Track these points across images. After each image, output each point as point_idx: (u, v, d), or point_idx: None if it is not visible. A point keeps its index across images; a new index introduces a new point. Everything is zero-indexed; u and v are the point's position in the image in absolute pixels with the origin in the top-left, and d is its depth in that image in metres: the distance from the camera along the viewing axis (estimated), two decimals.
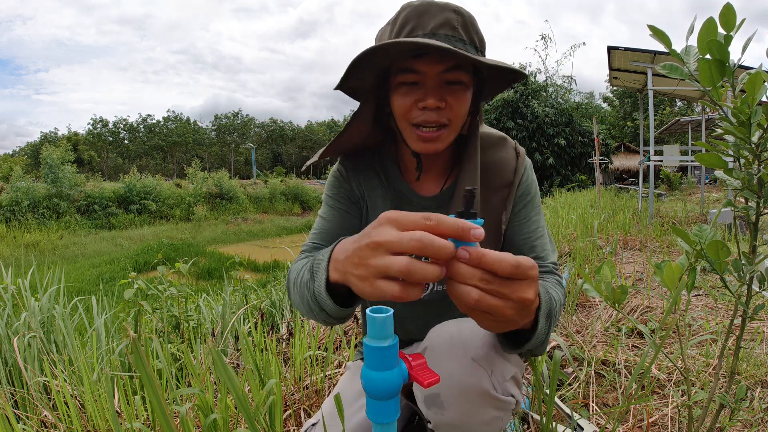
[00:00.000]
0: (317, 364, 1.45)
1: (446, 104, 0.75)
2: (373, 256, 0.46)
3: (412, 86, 0.75)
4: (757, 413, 1.19)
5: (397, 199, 0.90)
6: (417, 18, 0.74)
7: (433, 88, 0.74)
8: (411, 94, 0.75)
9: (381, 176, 0.90)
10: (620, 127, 33.81)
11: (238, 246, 13.97)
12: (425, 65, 0.73)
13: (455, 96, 0.75)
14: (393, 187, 0.90)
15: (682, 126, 12.60)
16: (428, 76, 0.74)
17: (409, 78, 0.75)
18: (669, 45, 0.70)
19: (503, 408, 0.70)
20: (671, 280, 0.81)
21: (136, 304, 1.95)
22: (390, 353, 0.46)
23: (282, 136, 63.54)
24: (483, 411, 0.68)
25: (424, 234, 0.43)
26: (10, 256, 10.85)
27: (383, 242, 0.45)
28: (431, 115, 0.74)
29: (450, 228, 0.44)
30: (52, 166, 17.19)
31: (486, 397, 0.67)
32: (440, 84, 0.75)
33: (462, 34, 0.74)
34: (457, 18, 0.74)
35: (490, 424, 0.70)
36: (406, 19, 0.74)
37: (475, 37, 0.76)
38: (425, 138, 0.76)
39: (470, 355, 0.68)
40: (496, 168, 0.86)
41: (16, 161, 35.32)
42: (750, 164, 0.75)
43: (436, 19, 0.73)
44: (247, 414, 0.73)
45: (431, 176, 0.90)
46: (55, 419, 1.24)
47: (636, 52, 7.08)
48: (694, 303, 2.26)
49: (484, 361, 0.68)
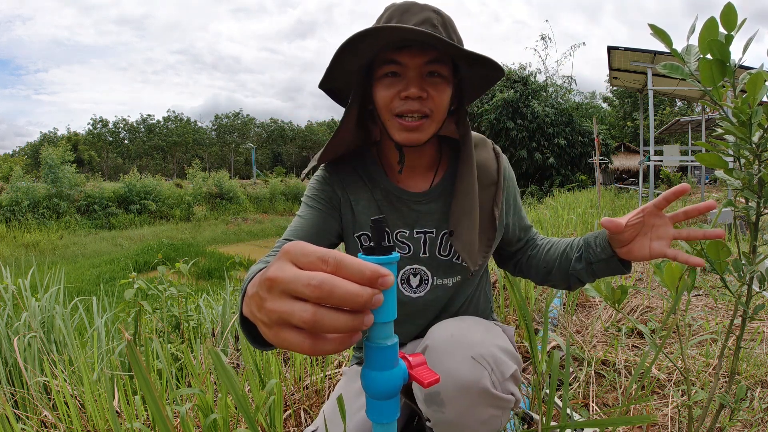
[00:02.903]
0: (317, 364, 1.45)
1: (427, 95, 0.78)
2: (270, 299, 0.37)
3: (395, 77, 0.78)
4: (757, 413, 1.19)
5: (386, 199, 0.90)
6: (399, 15, 0.78)
7: (415, 78, 0.77)
8: (393, 85, 0.78)
9: (364, 179, 0.91)
10: (620, 127, 33.80)
11: (238, 246, 13.96)
12: (407, 57, 0.77)
13: (436, 87, 0.78)
14: (379, 188, 0.91)
15: (682, 126, 12.61)
16: (410, 67, 0.77)
17: (392, 69, 0.78)
18: (670, 44, 0.70)
19: (503, 407, 0.70)
20: (671, 280, 0.81)
21: (137, 304, 1.95)
22: (390, 353, 0.45)
23: (282, 136, 63.54)
24: (482, 409, 0.68)
25: (326, 277, 0.34)
26: (10, 256, 10.85)
27: (277, 280, 0.35)
28: (413, 104, 0.77)
29: (353, 273, 0.34)
30: (52, 166, 17.18)
31: (486, 396, 0.67)
32: (422, 75, 0.78)
33: (441, 32, 0.77)
34: (437, 17, 0.78)
35: (488, 422, 0.70)
36: (390, 17, 0.79)
37: (454, 36, 0.80)
38: (408, 127, 0.79)
39: (471, 353, 0.69)
40: (483, 167, 0.91)
41: (16, 161, 35.33)
42: (750, 164, 0.75)
43: (417, 16, 0.77)
44: (246, 414, 0.73)
45: (417, 172, 0.91)
46: (55, 419, 1.24)
47: (636, 52, 7.09)
48: (694, 303, 2.26)
49: (484, 359, 0.69)
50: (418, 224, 0.90)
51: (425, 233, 0.90)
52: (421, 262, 0.90)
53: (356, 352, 1.10)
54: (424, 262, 0.91)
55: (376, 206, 0.90)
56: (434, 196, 0.90)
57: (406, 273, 0.90)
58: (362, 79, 0.83)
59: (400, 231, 0.90)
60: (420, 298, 0.91)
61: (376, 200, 0.90)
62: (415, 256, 0.90)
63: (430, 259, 0.91)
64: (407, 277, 0.91)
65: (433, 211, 0.90)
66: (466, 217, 0.84)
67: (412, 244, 0.90)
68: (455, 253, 0.90)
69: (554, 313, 1.94)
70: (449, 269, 0.91)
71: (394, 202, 0.90)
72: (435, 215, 0.90)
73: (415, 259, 0.90)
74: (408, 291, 0.91)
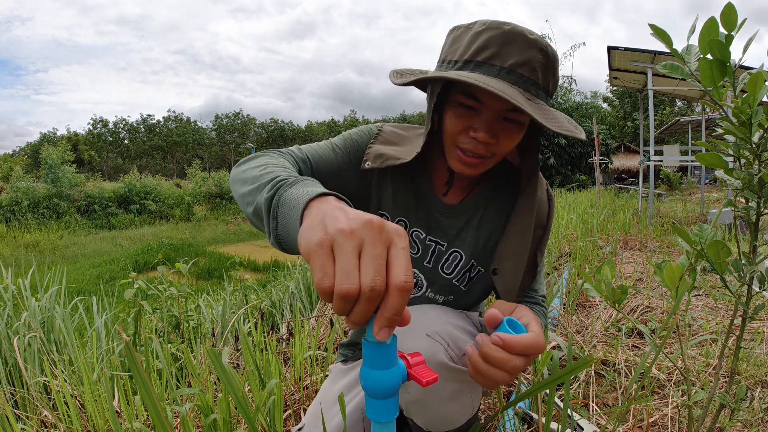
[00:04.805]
0: (317, 364, 1.45)
1: (497, 141, 0.73)
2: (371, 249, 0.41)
3: (469, 110, 0.73)
4: (757, 413, 1.19)
5: (417, 198, 0.88)
6: (499, 46, 0.68)
7: (489, 121, 0.71)
8: (466, 118, 0.73)
9: (408, 169, 0.87)
10: (620, 127, 33.79)
11: (238, 246, 13.97)
12: (490, 99, 0.70)
13: (508, 134, 0.73)
14: (415, 183, 0.88)
15: (682, 126, 12.60)
16: (488, 108, 0.71)
17: (470, 103, 0.72)
18: (670, 44, 0.70)
19: (464, 380, 0.70)
20: (671, 280, 0.81)
21: (137, 304, 1.95)
22: (389, 352, 0.45)
23: (282, 136, 63.54)
24: (444, 384, 0.70)
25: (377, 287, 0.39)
26: (10, 256, 10.85)
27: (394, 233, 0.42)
28: (479, 147, 0.73)
29: None
30: (51, 166, 17.21)
31: (444, 369, 0.68)
32: (497, 119, 0.72)
33: (539, 77, 0.70)
34: (541, 59, 0.69)
35: (456, 398, 0.71)
36: (488, 43, 0.69)
37: (551, 80, 0.73)
38: (466, 162, 0.75)
39: (426, 331, 0.70)
40: (537, 207, 0.84)
41: (16, 161, 35.29)
42: (750, 164, 0.75)
43: (520, 55, 0.68)
44: (246, 414, 0.73)
45: (456, 187, 0.89)
46: (55, 419, 1.24)
47: (636, 52, 7.08)
48: (694, 303, 2.26)
49: (439, 335, 0.70)
50: (434, 233, 0.88)
51: (437, 244, 0.88)
52: (422, 269, 0.89)
53: (342, 350, 1.09)
54: (424, 270, 0.89)
55: (406, 198, 0.87)
56: (459, 211, 0.88)
57: None
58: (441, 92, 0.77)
59: (417, 231, 0.88)
60: (413, 298, 0.90)
61: (408, 193, 0.87)
62: (419, 261, 0.88)
63: (431, 271, 0.89)
64: None
65: (451, 226, 0.87)
66: (514, 259, 0.80)
67: (422, 248, 0.88)
68: (458, 274, 0.88)
69: (554, 313, 1.93)
70: (446, 288, 0.89)
71: (423, 205, 0.88)
72: (452, 231, 0.88)
73: (418, 264, 0.89)
74: None
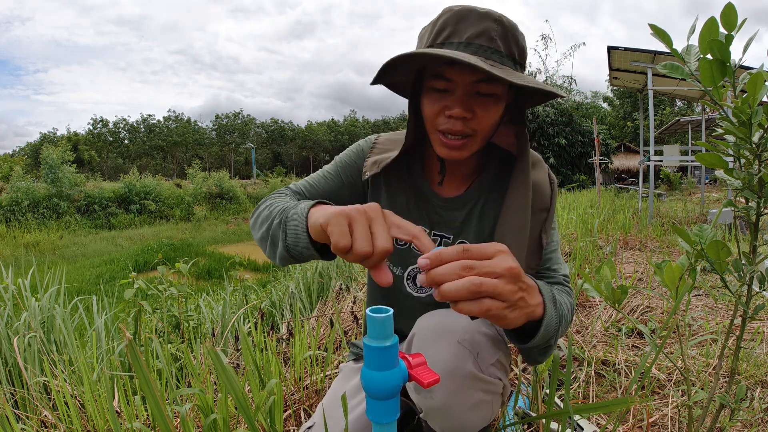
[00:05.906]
0: (317, 364, 1.45)
1: (474, 115, 0.73)
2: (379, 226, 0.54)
3: (442, 93, 0.74)
4: (757, 413, 1.19)
5: (416, 197, 0.89)
6: (455, 24, 0.71)
7: (462, 97, 0.72)
8: (440, 100, 0.74)
9: (404, 171, 0.90)
10: (620, 127, 33.79)
11: (238, 246, 13.94)
12: (457, 74, 0.71)
13: (484, 107, 0.73)
14: (412, 182, 0.89)
15: (682, 126, 12.60)
16: (459, 84, 0.72)
17: (440, 85, 0.73)
18: (670, 44, 0.70)
19: (490, 390, 0.70)
20: (671, 280, 0.81)
21: (137, 304, 1.95)
22: (390, 353, 0.46)
23: (282, 136, 63.54)
24: (470, 393, 0.69)
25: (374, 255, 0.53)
26: (10, 256, 10.84)
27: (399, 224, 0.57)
28: (457, 124, 0.73)
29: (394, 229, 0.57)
30: (51, 166, 17.18)
31: (472, 379, 0.68)
32: (470, 94, 0.72)
33: (500, 45, 0.71)
34: (497, 28, 0.71)
35: (478, 407, 0.71)
36: (444, 24, 0.72)
37: (515, 48, 0.73)
38: (449, 146, 0.75)
39: (456, 338, 0.69)
40: (537, 190, 0.84)
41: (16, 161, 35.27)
42: (750, 164, 0.75)
43: (474, 27, 0.70)
44: (246, 414, 0.73)
45: (456, 177, 0.89)
46: (55, 419, 1.24)
47: (636, 52, 7.08)
48: (694, 303, 2.26)
49: (470, 344, 0.69)
50: (439, 227, 0.89)
51: (442, 237, 0.89)
52: None
53: (353, 348, 1.09)
54: None
55: (405, 199, 0.89)
56: (461, 203, 0.88)
57: (413, 270, 0.90)
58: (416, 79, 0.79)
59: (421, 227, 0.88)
60: (421, 298, 0.90)
61: (406, 193, 0.89)
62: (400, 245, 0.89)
63: None
64: (414, 275, 0.90)
65: (455, 218, 0.88)
66: (514, 236, 0.78)
67: None
68: None
69: None
70: None
71: (423, 202, 0.89)
72: (456, 222, 0.88)
73: None
74: (411, 288, 0.90)
